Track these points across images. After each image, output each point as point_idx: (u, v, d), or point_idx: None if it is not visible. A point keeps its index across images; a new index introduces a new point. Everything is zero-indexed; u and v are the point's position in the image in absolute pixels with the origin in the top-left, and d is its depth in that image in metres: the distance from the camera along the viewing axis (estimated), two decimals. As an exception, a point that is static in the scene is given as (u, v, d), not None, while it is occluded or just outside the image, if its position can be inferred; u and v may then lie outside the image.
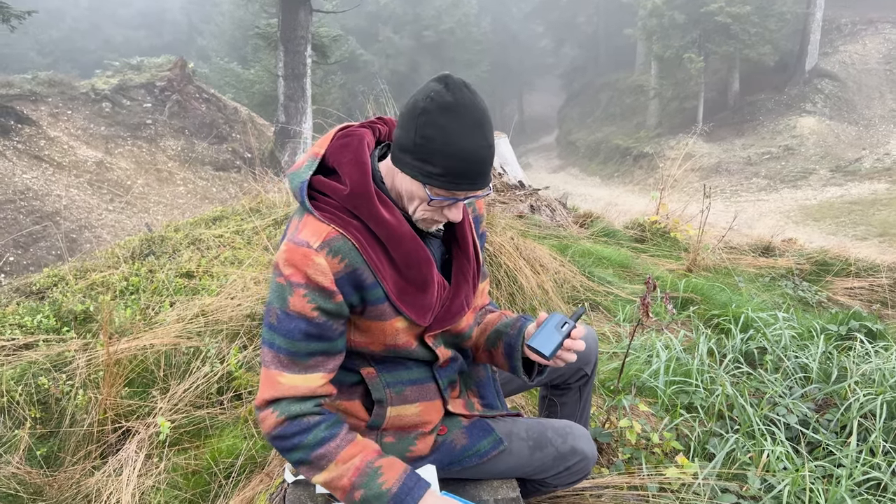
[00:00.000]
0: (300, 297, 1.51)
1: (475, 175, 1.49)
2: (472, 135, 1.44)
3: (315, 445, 1.54)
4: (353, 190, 1.54)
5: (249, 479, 2.45)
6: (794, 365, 3.42)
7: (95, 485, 2.50)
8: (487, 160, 1.49)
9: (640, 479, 2.45)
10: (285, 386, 1.55)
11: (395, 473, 1.57)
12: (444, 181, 1.48)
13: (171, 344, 3.14)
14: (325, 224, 1.53)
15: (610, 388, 3.23)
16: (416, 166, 1.48)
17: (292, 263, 1.51)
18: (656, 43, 29.67)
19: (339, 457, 1.55)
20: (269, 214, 5.63)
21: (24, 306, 3.98)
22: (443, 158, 1.45)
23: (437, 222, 1.62)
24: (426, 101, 1.44)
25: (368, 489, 1.53)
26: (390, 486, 1.54)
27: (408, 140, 1.48)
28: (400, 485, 1.55)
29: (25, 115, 14.35)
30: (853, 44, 29.78)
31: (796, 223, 17.46)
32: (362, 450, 1.58)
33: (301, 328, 1.53)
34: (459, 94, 1.44)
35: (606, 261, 5.21)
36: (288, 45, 15.37)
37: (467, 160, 1.46)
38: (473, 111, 1.45)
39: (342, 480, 1.54)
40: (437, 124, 1.43)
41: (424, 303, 1.64)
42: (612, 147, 30.98)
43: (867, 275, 5.46)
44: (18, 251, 10.78)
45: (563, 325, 1.67)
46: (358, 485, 1.53)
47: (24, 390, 2.96)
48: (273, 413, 1.55)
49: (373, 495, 1.53)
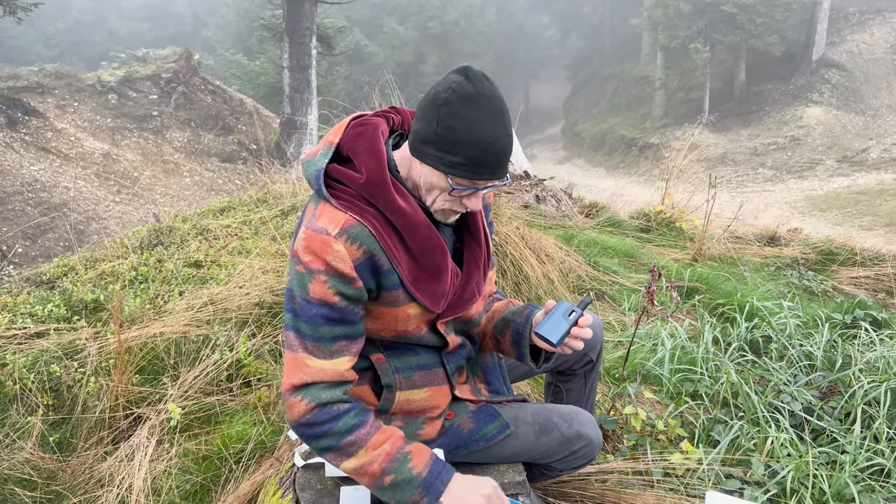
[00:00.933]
0: (320, 283, 1.53)
1: (496, 164, 1.51)
2: (494, 124, 1.47)
3: (346, 432, 1.56)
4: (370, 178, 1.55)
5: (259, 464, 2.49)
6: (799, 353, 3.44)
7: (108, 470, 2.54)
8: (508, 149, 1.51)
9: (645, 464, 2.48)
10: (313, 370, 1.56)
11: (423, 458, 1.59)
12: (466, 170, 1.49)
13: (180, 332, 3.17)
14: (342, 212, 1.55)
15: (615, 375, 3.25)
16: (439, 157, 1.50)
17: (312, 251, 1.52)
18: (662, 33, 29.53)
19: (370, 443, 1.56)
20: (276, 205, 5.66)
21: (35, 296, 4.01)
22: (465, 148, 1.47)
23: (456, 213, 1.64)
24: (448, 93, 1.46)
25: (399, 474, 1.55)
26: (420, 471, 1.56)
27: (429, 131, 1.49)
28: (429, 469, 1.57)
29: (32, 108, 14.40)
30: (860, 33, 29.58)
31: (802, 213, 17.41)
32: (391, 436, 1.60)
33: (323, 314, 1.54)
34: (480, 86, 1.46)
35: (612, 250, 5.22)
36: (293, 37, 15.34)
37: (489, 149, 1.48)
38: (494, 101, 1.47)
39: (373, 466, 1.56)
40: (459, 115, 1.45)
41: (438, 290, 1.66)
42: (618, 138, 30.88)
43: (872, 264, 5.46)
44: (27, 242, 10.84)
45: (571, 314, 1.69)
46: (389, 470, 1.55)
47: (36, 378, 3.00)
48: (302, 400, 1.55)
49: (403, 479, 1.55)
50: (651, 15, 30.05)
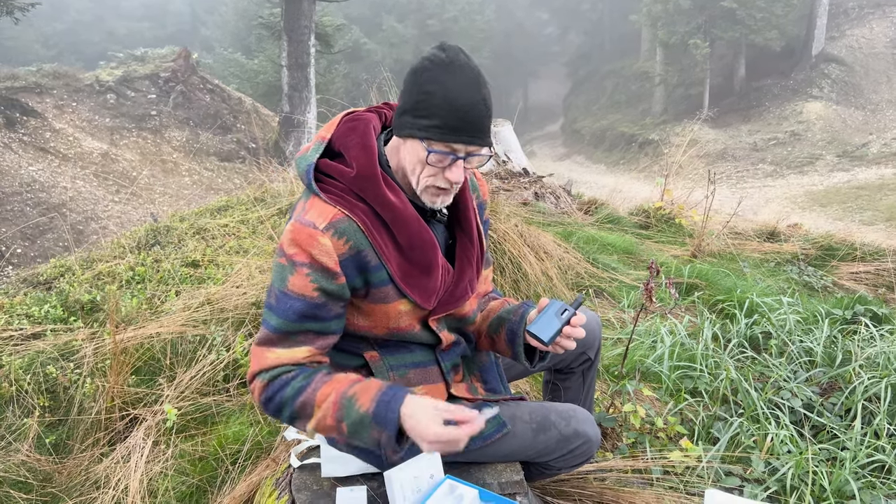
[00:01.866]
0: (302, 275, 1.52)
1: (472, 129, 1.51)
2: (469, 89, 1.49)
3: (296, 395, 1.53)
4: (360, 172, 1.55)
5: (255, 465, 2.47)
6: (799, 349, 3.42)
7: (104, 471, 2.53)
8: (484, 115, 1.52)
9: (645, 462, 2.47)
10: (270, 359, 1.56)
11: (369, 394, 1.51)
12: (442, 132, 1.50)
13: (177, 332, 3.16)
14: (330, 206, 1.55)
15: (614, 373, 3.23)
16: (415, 123, 1.51)
17: (297, 243, 1.52)
18: (661, 29, 29.46)
19: (318, 398, 1.52)
20: (274, 204, 5.65)
21: (32, 296, 4.01)
22: (441, 111, 1.48)
23: (441, 192, 1.60)
24: (425, 62, 1.52)
25: (349, 418, 1.49)
26: (368, 408, 1.48)
27: (407, 101, 1.53)
28: (376, 403, 1.49)
29: (31, 108, 14.38)
30: (860, 28, 29.51)
31: (803, 209, 17.38)
32: (337, 384, 1.54)
33: (296, 308, 1.54)
34: (456, 56, 1.51)
35: (611, 247, 5.21)
36: (291, 35, 15.33)
37: (464, 111, 1.49)
38: (469, 70, 1.51)
39: (327, 420, 1.51)
40: (435, 80, 1.49)
41: (429, 286, 1.65)
42: (618, 134, 30.83)
43: (873, 259, 5.44)
44: (25, 243, 10.83)
45: (563, 312, 1.67)
46: (340, 417, 1.50)
47: (32, 379, 2.99)
48: (259, 382, 1.56)
49: (355, 423, 1.49)
50: (650, 11, 29.98)
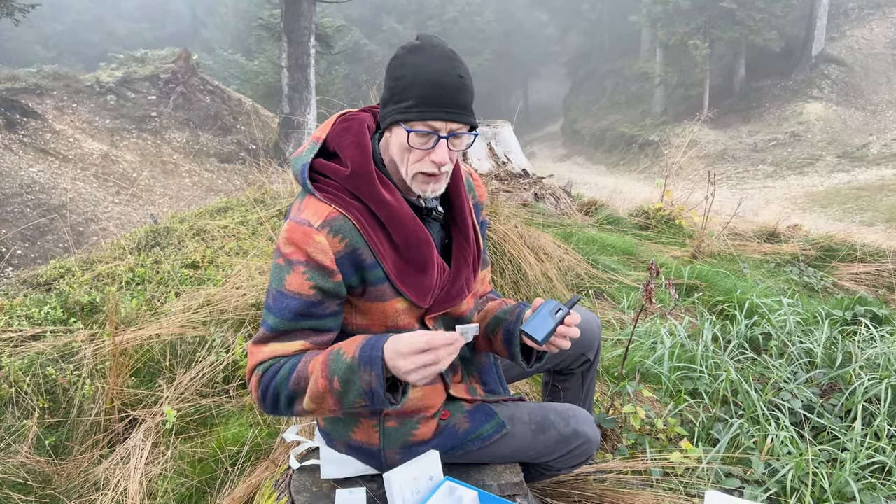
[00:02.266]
0: (299, 274, 1.53)
1: (447, 103, 1.50)
2: (441, 65, 1.49)
3: (288, 374, 1.53)
4: (354, 170, 1.56)
5: (255, 467, 2.47)
6: (799, 350, 3.42)
7: (103, 473, 2.52)
8: (459, 89, 1.51)
9: (644, 464, 2.46)
10: (265, 353, 1.57)
11: (353, 344, 1.52)
12: (417, 111, 1.49)
13: (176, 334, 3.16)
14: (325, 204, 1.55)
15: (614, 374, 3.23)
16: (394, 109, 1.52)
17: (293, 242, 1.53)
18: (661, 30, 29.46)
19: (309, 367, 1.52)
20: (274, 205, 5.65)
21: (32, 298, 4.01)
22: (414, 89, 1.49)
23: (431, 178, 1.58)
24: (398, 50, 1.55)
25: (338, 370, 1.48)
26: (353, 354, 1.48)
27: (386, 91, 1.55)
28: (360, 348, 1.49)
29: (31, 109, 14.38)
30: (860, 28, 29.50)
31: (803, 209, 17.37)
32: (323, 352, 1.55)
33: (292, 307, 1.54)
34: (427, 40, 1.53)
35: (611, 248, 5.21)
36: (291, 36, 15.33)
37: (437, 85, 1.48)
38: (441, 49, 1.52)
39: (319, 383, 1.50)
40: (405, 63, 1.51)
41: (424, 284, 1.65)
42: (618, 135, 30.82)
43: (873, 260, 5.44)
44: (26, 244, 10.83)
45: (557, 312, 1.67)
46: (330, 374, 1.49)
47: (32, 381, 2.99)
48: (255, 376, 1.57)
49: (345, 372, 1.47)
50: (650, 11, 29.97)
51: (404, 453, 1.77)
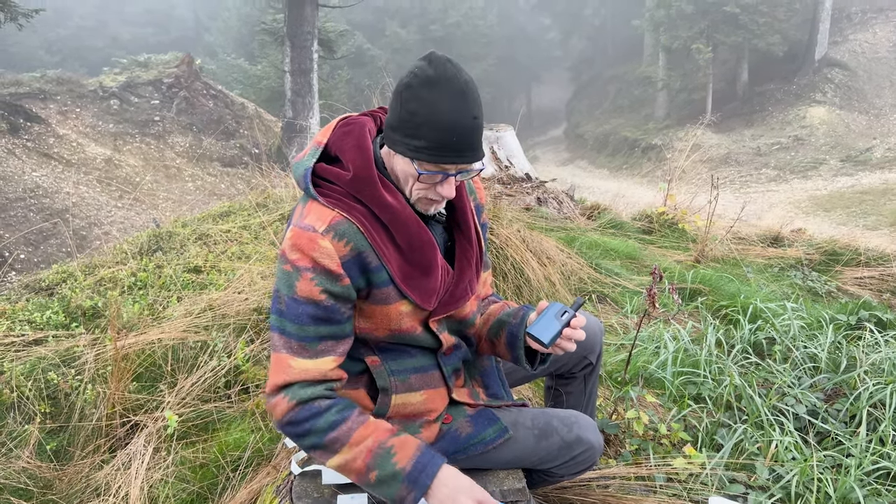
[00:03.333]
0: (307, 280, 1.52)
1: (461, 147, 1.49)
2: (456, 105, 1.45)
3: (328, 429, 1.53)
4: (357, 174, 1.55)
5: (256, 472, 2.46)
6: (803, 355, 3.40)
7: (104, 478, 2.51)
8: (472, 131, 1.49)
9: (648, 469, 2.45)
10: (296, 370, 1.55)
11: (408, 452, 1.54)
12: (430, 154, 1.48)
13: (178, 338, 3.15)
14: (329, 209, 1.55)
15: (617, 379, 3.22)
16: (404, 142, 1.50)
17: (298, 248, 1.52)
18: (664, 34, 29.46)
19: (352, 439, 1.53)
20: (276, 209, 5.65)
21: (34, 302, 4.00)
22: (427, 131, 1.46)
23: (434, 202, 1.61)
24: (409, 77, 1.48)
25: (382, 469, 1.51)
26: (404, 465, 1.52)
27: (394, 117, 1.51)
28: (413, 462, 1.52)
29: (34, 114, 14.41)
30: (863, 32, 29.49)
31: (806, 213, 17.33)
32: (375, 430, 1.56)
33: (309, 312, 1.53)
34: (441, 68, 1.46)
35: (614, 252, 5.19)
36: (294, 41, 15.36)
37: (452, 130, 1.46)
38: (456, 83, 1.46)
39: (356, 463, 1.53)
40: (420, 98, 1.46)
41: (429, 286, 1.65)
42: (621, 139, 30.81)
43: (877, 264, 5.42)
44: (29, 249, 10.84)
45: (563, 314, 1.67)
46: (372, 466, 1.52)
47: (33, 385, 2.98)
48: (284, 398, 1.54)
49: (387, 475, 1.51)
50: (653, 16, 29.99)
51: None
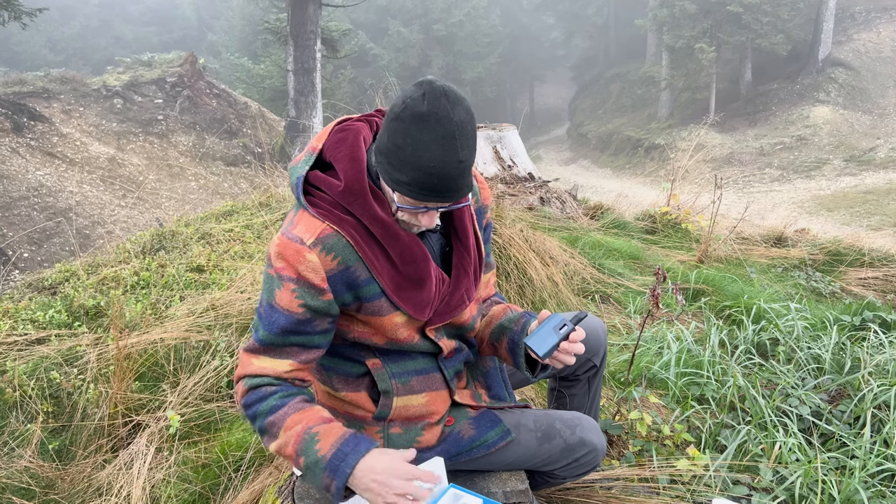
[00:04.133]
0: (288, 291, 1.53)
1: (443, 189, 1.44)
2: (442, 149, 1.38)
3: (268, 412, 1.56)
4: (348, 186, 1.53)
5: (258, 473, 2.46)
6: (807, 356, 3.39)
7: (106, 478, 2.51)
8: (458, 176, 1.43)
9: (651, 471, 2.44)
10: (255, 366, 1.59)
11: (331, 439, 1.52)
12: (410, 191, 1.45)
13: (180, 338, 3.15)
14: (319, 220, 1.54)
15: (620, 379, 3.21)
16: (388, 171, 1.47)
17: (284, 258, 1.52)
18: (667, 33, 29.41)
19: (286, 424, 1.55)
20: (279, 209, 5.65)
21: (37, 301, 4.00)
22: (410, 170, 1.41)
23: (416, 225, 1.59)
24: (401, 108, 1.40)
25: (307, 456, 1.51)
26: (325, 453, 1.50)
27: (382, 143, 1.46)
28: (334, 451, 1.50)
29: (38, 113, 14.44)
30: (867, 32, 29.41)
31: (810, 213, 17.31)
32: (306, 416, 1.56)
33: (280, 323, 1.55)
34: (436, 105, 1.37)
35: (617, 252, 5.18)
36: (297, 40, 15.36)
37: (433, 174, 1.41)
38: (447, 124, 1.37)
39: (287, 448, 1.54)
40: (406, 133, 1.39)
41: (422, 298, 1.64)
42: (624, 139, 30.78)
43: (881, 265, 5.40)
44: (32, 247, 10.86)
45: (562, 328, 1.65)
46: (300, 452, 1.52)
47: (36, 385, 2.98)
48: (242, 386, 1.60)
49: (311, 462, 1.51)
50: (656, 15, 29.94)
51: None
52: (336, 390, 1.76)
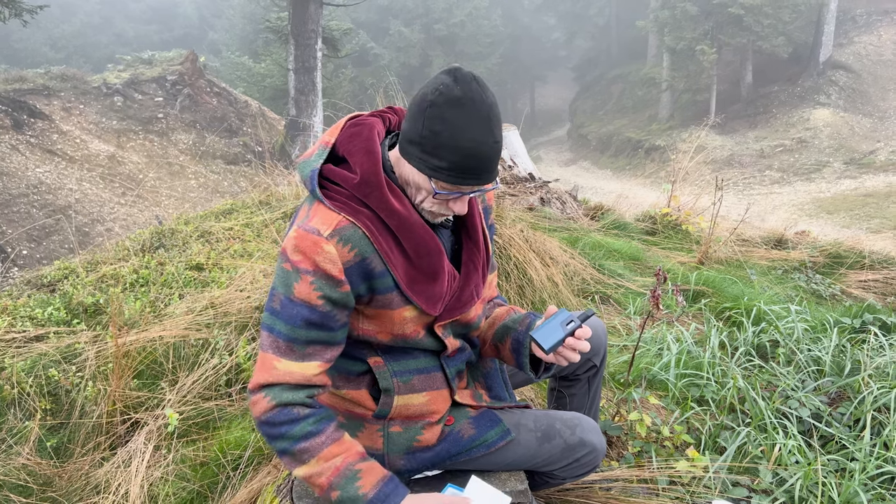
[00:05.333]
0: (307, 284, 1.50)
1: (481, 171, 1.48)
2: (480, 130, 1.43)
3: (300, 438, 1.53)
4: (364, 178, 1.53)
5: (257, 471, 2.45)
6: (807, 358, 3.38)
7: (104, 476, 2.51)
8: (494, 156, 1.48)
9: (650, 472, 2.43)
10: (280, 371, 1.54)
11: (373, 478, 1.55)
12: (449, 176, 1.47)
13: (179, 336, 3.14)
14: (335, 213, 1.53)
15: (620, 380, 3.20)
16: (423, 159, 1.48)
17: (301, 250, 1.50)
18: (668, 35, 29.43)
19: (322, 454, 1.54)
20: (279, 207, 5.64)
21: (36, 298, 4.00)
22: (449, 153, 1.44)
23: (444, 215, 1.61)
24: (434, 95, 1.43)
25: (345, 491, 1.53)
26: (367, 491, 1.53)
27: (415, 133, 1.47)
28: (376, 491, 1.54)
29: (38, 110, 14.43)
30: (868, 35, 29.44)
31: (810, 216, 17.31)
32: (346, 450, 1.57)
33: (303, 315, 1.52)
34: (468, 88, 1.42)
35: (617, 253, 5.18)
36: (298, 39, 15.36)
37: (474, 156, 1.44)
38: (481, 106, 1.43)
39: (321, 478, 1.53)
40: (444, 118, 1.42)
41: (435, 292, 1.63)
42: (624, 140, 30.80)
43: (881, 267, 5.40)
44: (31, 244, 10.85)
45: (569, 323, 1.65)
46: (336, 485, 1.53)
47: (34, 382, 2.97)
48: (265, 398, 1.54)
49: (348, 498, 1.53)
50: (657, 17, 29.97)
51: (408, 459, 1.75)
52: (337, 388, 1.75)
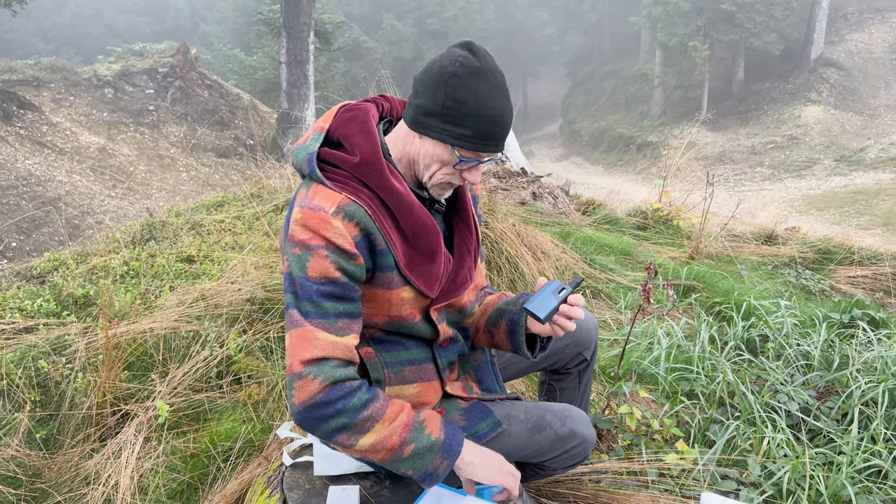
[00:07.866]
0: (321, 258, 1.49)
1: (500, 136, 1.55)
2: (500, 97, 1.52)
3: (361, 408, 1.49)
4: (364, 158, 1.55)
5: (247, 463, 2.45)
6: (796, 353, 3.41)
7: (94, 467, 2.50)
8: (508, 122, 1.56)
9: (640, 464, 2.45)
10: (323, 342, 1.49)
11: (437, 422, 1.60)
12: (474, 142, 1.52)
13: (170, 328, 3.13)
14: (336, 192, 1.53)
15: (610, 374, 3.22)
16: (446, 129, 1.51)
17: (310, 227, 1.49)
18: (661, 31, 29.46)
19: (386, 416, 1.52)
20: (271, 200, 5.62)
21: (25, 290, 3.98)
22: (474, 121, 1.50)
23: (452, 187, 1.65)
24: (455, 66, 1.49)
25: (419, 442, 1.54)
26: (438, 435, 1.57)
27: (435, 104, 1.51)
28: (445, 432, 1.59)
29: (28, 101, 14.33)
30: (859, 32, 29.55)
31: (800, 212, 17.40)
32: (402, 406, 1.58)
33: (324, 290, 1.49)
34: (485, 60, 1.51)
35: (608, 248, 5.19)
36: (291, 32, 15.30)
37: (496, 121, 1.52)
38: (498, 75, 1.52)
39: (391, 440, 1.51)
40: (468, 87, 1.48)
41: (432, 272, 1.65)
42: (616, 135, 30.85)
43: (870, 263, 5.43)
44: (21, 237, 10.79)
45: (561, 291, 1.67)
46: (409, 440, 1.53)
47: (23, 373, 2.96)
48: (315, 379, 1.47)
49: (424, 447, 1.54)
50: (650, 13, 29.99)
51: None
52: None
